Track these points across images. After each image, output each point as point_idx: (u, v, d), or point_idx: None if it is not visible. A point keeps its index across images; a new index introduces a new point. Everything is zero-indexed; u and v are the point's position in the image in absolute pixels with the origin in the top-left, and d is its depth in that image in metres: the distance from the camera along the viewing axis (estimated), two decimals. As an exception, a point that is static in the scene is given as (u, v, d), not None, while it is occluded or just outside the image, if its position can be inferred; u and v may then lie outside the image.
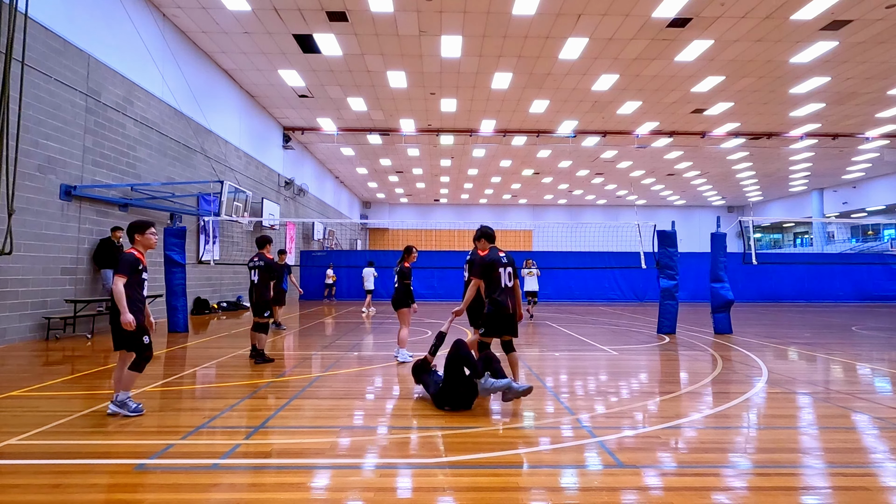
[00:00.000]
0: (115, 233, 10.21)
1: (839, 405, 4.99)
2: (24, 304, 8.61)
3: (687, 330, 11.51)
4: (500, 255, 5.24)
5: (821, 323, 13.86)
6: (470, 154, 25.60)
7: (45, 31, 8.86)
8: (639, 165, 28.06)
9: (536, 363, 7.27)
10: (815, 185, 33.54)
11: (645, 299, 22.53)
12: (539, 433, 4.07)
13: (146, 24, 11.65)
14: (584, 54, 14.07)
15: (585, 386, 5.90)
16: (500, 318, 5.07)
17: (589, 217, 41.79)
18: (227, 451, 3.53)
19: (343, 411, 4.66)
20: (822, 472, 3.29)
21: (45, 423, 4.15)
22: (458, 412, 4.54)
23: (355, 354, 7.94)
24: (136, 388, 5.44)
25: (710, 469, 3.31)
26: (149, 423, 4.19)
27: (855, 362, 7.54)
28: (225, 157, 15.88)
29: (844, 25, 12.33)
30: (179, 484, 2.99)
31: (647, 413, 4.69)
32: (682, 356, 8.06)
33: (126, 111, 11.12)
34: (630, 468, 3.28)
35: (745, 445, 3.80)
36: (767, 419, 4.57)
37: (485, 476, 3.19)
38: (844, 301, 23.17)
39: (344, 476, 3.15)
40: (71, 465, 3.28)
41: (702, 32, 12.75)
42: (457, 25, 12.48)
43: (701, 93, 16.94)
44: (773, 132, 21.52)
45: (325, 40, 13.35)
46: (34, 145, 8.71)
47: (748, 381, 6.12)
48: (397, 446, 3.72)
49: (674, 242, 11.12)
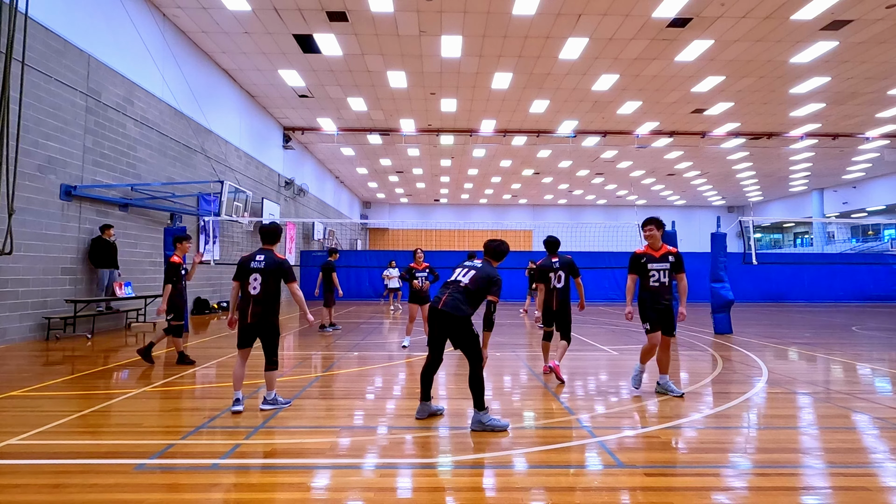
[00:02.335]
0: (106, 231, 10.06)
1: (839, 405, 4.98)
2: (24, 303, 8.61)
3: (687, 330, 11.51)
4: (553, 261, 6.47)
5: (821, 323, 13.85)
6: (470, 154, 25.60)
7: (46, 31, 8.86)
8: (639, 165, 28.06)
9: (536, 363, 7.27)
10: (816, 185, 33.52)
11: (645, 299, 22.48)
12: (539, 433, 4.07)
13: (146, 24, 11.65)
14: (585, 54, 14.06)
15: (585, 386, 5.90)
16: (546, 312, 6.39)
17: (589, 217, 41.76)
18: (228, 452, 3.53)
19: (343, 411, 4.66)
20: (822, 472, 3.29)
21: (45, 423, 4.15)
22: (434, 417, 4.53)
23: (355, 354, 7.95)
24: (134, 389, 5.45)
25: (711, 469, 3.31)
26: (149, 423, 4.19)
27: (855, 362, 7.54)
28: (225, 157, 15.88)
29: (845, 25, 12.32)
30: (179, 484, 2.99)
31: (647, 413, 4.69)
32: (682, 356, 8.05)
33: (126, 111, 11.13)
34: (630, 468, 3.28)
35: (745, 445, 3.80)
36: (768, 419, 4.56)
37: (485, 476, 3.19)
38: (845, 301, 23.15)
39: (344, 476, 3.15)
40: (71, 465, 3.28)
41: (702, 32, 12.75)
42: (457, 25, 12.48)
43: (701, 93, 16.94)
44: (774, 132, 21.52)
45: (326, 40, 13.35)
46: (34, 145, 8.71)
47: (748, 381, 6.11)
48: (397, 446, 3.72)
49: (674, 242, 11.10)
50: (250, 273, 4.61)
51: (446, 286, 4.40)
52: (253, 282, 4.60)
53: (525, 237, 41.93)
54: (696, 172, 29.86)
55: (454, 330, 4.23)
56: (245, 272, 4.64)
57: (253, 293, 4.58)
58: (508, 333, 10.86)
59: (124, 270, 11.03)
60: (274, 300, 4.65)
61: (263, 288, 4.58)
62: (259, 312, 4.56)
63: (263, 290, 4.58)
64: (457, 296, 4.27)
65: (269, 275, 4.60)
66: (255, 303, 4.56)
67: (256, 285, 4.58)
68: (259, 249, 4.79)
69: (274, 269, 4.62)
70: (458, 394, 5.31)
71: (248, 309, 4.56)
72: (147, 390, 5.37)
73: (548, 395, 5.32)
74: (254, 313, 4.55)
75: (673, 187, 34.53)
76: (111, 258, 10.05)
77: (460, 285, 4.31)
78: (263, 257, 4.66)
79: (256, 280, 4.59)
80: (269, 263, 4.62)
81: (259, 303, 4.56)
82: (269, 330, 4.64)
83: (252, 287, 4.59)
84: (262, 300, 4.57)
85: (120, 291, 10.32)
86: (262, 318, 4.57)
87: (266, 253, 4.72)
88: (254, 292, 4.58)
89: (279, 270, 4.65)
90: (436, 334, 4.35)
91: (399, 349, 8.50)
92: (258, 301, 4.57)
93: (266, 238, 4.83)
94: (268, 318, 4.60)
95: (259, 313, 4.56)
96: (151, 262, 12.14)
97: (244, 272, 4.65)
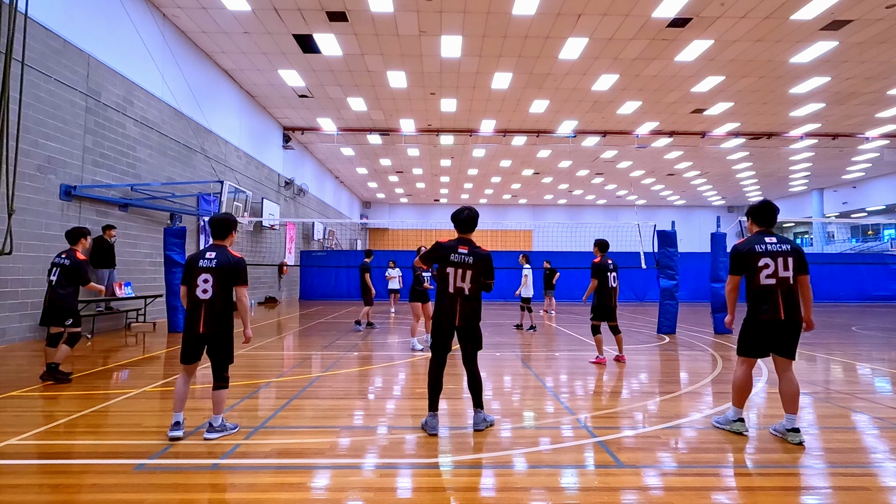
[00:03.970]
0: (107, 231, 10.01)
1: (839, 405, 4.98)
2: (24, 304, 8.61)
3: (687, 330, 11.51)
4: (608, 262, 7.33)
5: (821, 323, 13.85)
6: (470, 154, 25.60)
7: (45, 31, 8.86)
8: (639, 165, 28.05)
9: (537, 363, 7.27)
10: (815, 185, 33.52)
11: (645, 299, 22.52)
12: (539, 433, 4.07)
13: (146, 24, 11.65)
14: (584, 54, 14.06)
15: (585, 386, 5.90)
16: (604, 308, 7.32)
17: (589, 217, 41.76)
18: (227, 452, 3.53)
19: (343, 411, 4.66)
20: (822, 472, 3.29)
21: (44, 423, 4.15)
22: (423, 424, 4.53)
23: (355, 354, 7.94)
24: (134, 388, 5.45)
25: (711, 469, 3.32)
26: (148, 424, 4.19)
27: (855, 362, 7.54)
28: (225, 157, 15.88)
29: (844, 25, 12.32)
30: (179, 484, 2.99)
31: (647, 413, 4.69)
32: (682, 356, 8.06)
33: (126, 111, 11.12)
34: (630, 468, 3.28)
35: (745, 445, 3.80)
36: (767, 419, 4.57)
37: (485, 476, 3.19)
38: (844, 301, 23.16)
39: (344, 476, 3.15)
40: (71, 465, 3.28)
41: (702, 32, 12.75)
42: (457, 25, 12.48)
43: (701, 93, 16.94)
44: (773, 132, 21.51)
45: (325, 40, 13.35)
46: (34, 145, 8.71)
47: (748, 381, 6.10)
48: (397, 446, 3.72)
49: (674, 242, 11.12)
50: (199, 273, 3.87)
51: (450, 297, 4.06)
52: (203, 283, 3.85)
53: (525, 237, 41.93)
54: (695, 172, 29.86)
55: (475, 334, 4.16)
56: (193, 273, 3.89)
57: (203, 297, 3.84)
58: (509, 333, 10.86)
59: (125, 271, 11.03)
60: (229, 306, 3.94)
61: (215, 291, 3.85)
62: (212, 321, 3.84)
63: (215, 294, 3.85)
64: (470, 304, 4.10)
65: (222, 276, 3.87)
66: (207, 308, 3.83)
67: (207, 287, 3.85)
68: (210, 246, 4.03)
69: (227, 270, 3.88)
70: (454, 394, 5.30)
71: (199, 316, 3.84)
72: (147, 390, 5.37)
73: (548, 395, 5.32)
74: (206, 322, 3.83)
75: (673, 187, 34.53)
76: (109, 259, 10.03)
77: (465, 293, 4.08)
78: (215, 255, 3.92)
79: (207, 282, 3.85)
80: (222, 262, 3.90)
81: (211, 309, 3.84)
82: (223, 342, 3.91)
83: (201, 290, 3.85)
84: (215, 305, 3.85)
85: (120, 291, 10.32)
86: (216, 326, 3.86)
87: (218, 250, 3.97)
88: (204, 296, 3.84)
89: (232, 271, 3.90)
90: (446, 338, 4.13)
91: (400, 350, 8.49)
92: (210, 306, 3.84)
93: (216, 232, 4.03)
94: (223, 327, 3.89)
95: (212, 321, 3.84)
96: (151, 263, 12.13)
97: (191, 273, 3.90)
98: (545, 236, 35.68)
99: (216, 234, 4.04)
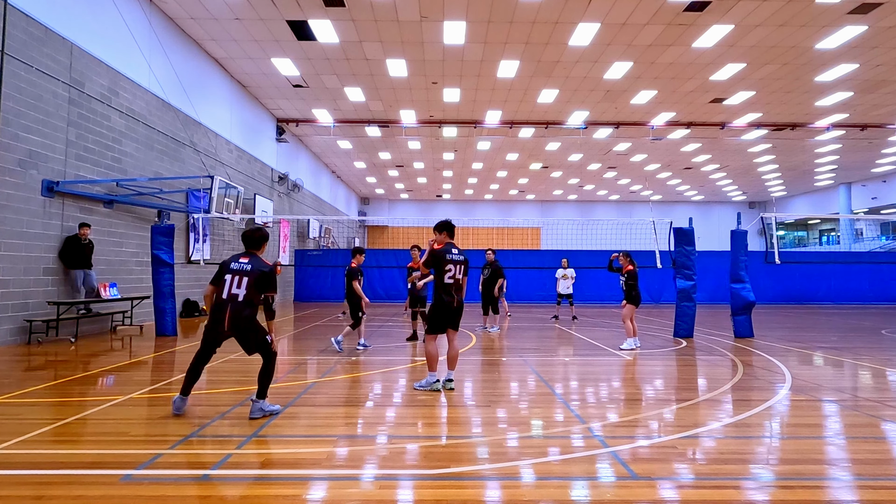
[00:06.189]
0: (82, 229, 9.92)
1: (868, 413, 4.96)
2: (4, 306, 8.66)
3: (705, 333, 11.48)
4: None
5: (848, 326, 13.79)
6: (474, 147, 25.59)
7: (26, 18, 8.89)
8: (654, 159, 27.98)
9: (545, 368, 7.26)
10: (843, 179, 33.37)
11: (660, 301, 22.47)
12: (548, 443, 4.07)
13: (131, 10, 11.68)
14: (596, 41, 14.02)
15: (597, 393, 5.89)
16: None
17: (601, 214, 41.69)
18: (218, 462, 3.54)
19: (340, 419, 4.67)
20: (849, 485, 3.28)
21: (26, 431, 4.17)
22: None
23: (353, 359, 7.96)
24: (121, 395, 5.47)
25: (730, 481, 3.30)
26: (136, 432, 4.21)
27: (885, 368, 7.50)
28: (215, 151, 15.92)
29: (874, 9, 12.23)
30: (167, 496, 3.01)
31: (662, 422, 4.68)
32: (699, 361, 8.04)
33: (111, 102, 11.16)
34: (645, 480, 3.28)
35: (767, 456, 3.79)
36: (791, 428, 4.55)
37: (490, 489, 3.19)
38: (873, 302, 23.04)
39: (341, 488, 3.16)
40: (54, 476, 3.30)
41: (721, 17, 12.69)
42: (460, 10, 12.47)
43: (720, 81, 16.87)
44: (798, 123, 21.41)
45: (321, 27, 13.35)
46: (14, 139, 8.74)
47: (770, 387, 6.10)
48: (398, 456, 3.72)
49: (691, 240, 11.08)
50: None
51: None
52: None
53: (533, 235, 41.89)
54: (714, 166, 29.77)
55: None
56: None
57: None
58: (517, 337, 10.86)
59: (110, 271, 11.08)
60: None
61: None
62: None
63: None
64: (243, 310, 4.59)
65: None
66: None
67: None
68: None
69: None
70: (459, 401, 5.30)
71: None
72: (134, 397, 5.39)
73: (558, 403, 5.32)
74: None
75: (690, 182, 34.43)
76: (85, 258, 9.99)
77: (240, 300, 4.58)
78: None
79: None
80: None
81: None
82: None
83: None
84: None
85: (105, 293, 10.36)
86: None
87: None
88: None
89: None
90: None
91: (400, 355, 8.50)
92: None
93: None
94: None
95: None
96: (138, 262, 12.18)
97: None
98: (554, 234, 35.62)
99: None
